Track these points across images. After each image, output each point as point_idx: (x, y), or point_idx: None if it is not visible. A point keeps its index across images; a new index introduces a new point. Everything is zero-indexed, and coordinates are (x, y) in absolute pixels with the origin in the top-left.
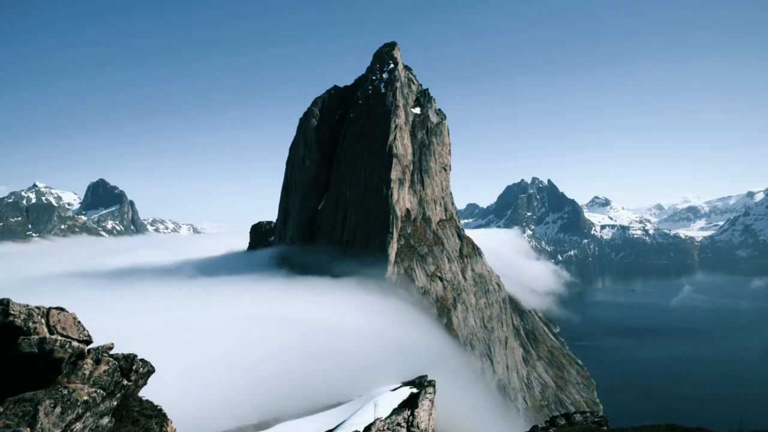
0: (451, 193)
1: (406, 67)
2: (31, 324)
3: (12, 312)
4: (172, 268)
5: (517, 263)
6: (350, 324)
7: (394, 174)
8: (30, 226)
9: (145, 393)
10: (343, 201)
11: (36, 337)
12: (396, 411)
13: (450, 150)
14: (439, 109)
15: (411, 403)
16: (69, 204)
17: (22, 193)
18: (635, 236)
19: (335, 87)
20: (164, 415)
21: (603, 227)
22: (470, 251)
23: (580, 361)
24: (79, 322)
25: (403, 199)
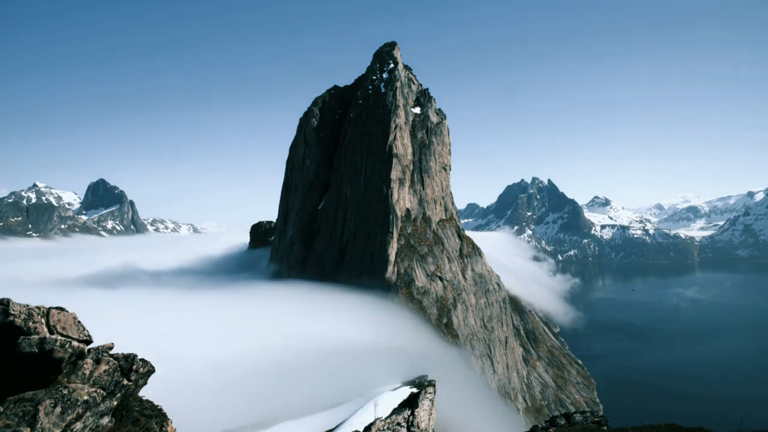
0: (451, 193)
1: (406, 67)
2: (31, 324)
3: (12, 312)
4: (172, 270)
5: (517, 263)
6: (348, 333)
7: (394, 174)
8: (30, 226)
9: (145, 393)
10: (343, 201)
11: (36, 336)
12: (396, 411)
13: (450, 150)
14: (439, 109)
15: (411, 402)
16: (69, 204)
17: (22, 193)
18: (635, 236)
19: (335, 87)
20: (164, 415)
21: (603, 227)
22: (470, 251)
23: (580, 361)
24: (79, 321)
25: (403, 199)
